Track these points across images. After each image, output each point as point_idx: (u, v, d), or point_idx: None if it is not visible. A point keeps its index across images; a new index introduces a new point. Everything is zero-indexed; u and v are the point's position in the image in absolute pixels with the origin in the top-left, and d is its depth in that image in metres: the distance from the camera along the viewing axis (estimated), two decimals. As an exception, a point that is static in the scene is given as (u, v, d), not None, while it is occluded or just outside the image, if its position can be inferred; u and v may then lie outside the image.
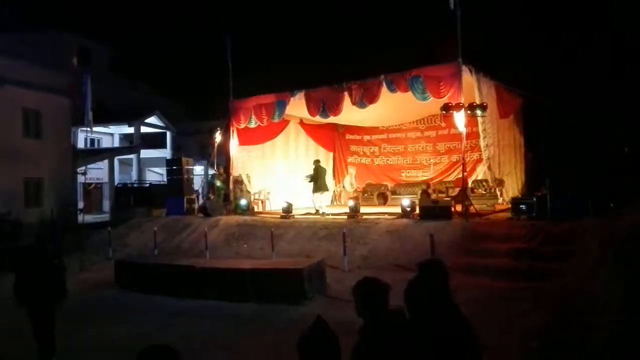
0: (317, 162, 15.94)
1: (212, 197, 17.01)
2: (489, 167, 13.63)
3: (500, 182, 14.46)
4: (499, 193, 14.56)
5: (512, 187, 15.33)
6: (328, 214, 14.57)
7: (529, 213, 11.34)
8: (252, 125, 16.63)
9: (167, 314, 8.44)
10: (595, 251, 8.68)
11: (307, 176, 15.57)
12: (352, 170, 19.87)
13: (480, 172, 16.23)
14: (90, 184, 26.77)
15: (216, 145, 17.36)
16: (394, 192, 18.26)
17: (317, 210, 15.02)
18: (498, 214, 12.94)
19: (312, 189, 15.31)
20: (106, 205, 26.79)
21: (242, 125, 16.79)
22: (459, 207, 12.43)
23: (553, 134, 15.99)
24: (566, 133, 15.90)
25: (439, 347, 2.41)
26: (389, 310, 2.63)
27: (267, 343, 6.77)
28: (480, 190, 15.48)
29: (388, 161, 20.40)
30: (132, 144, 28.37)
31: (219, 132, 17.21)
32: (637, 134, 14.31)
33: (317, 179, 15.21)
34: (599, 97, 16.76)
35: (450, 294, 2.70)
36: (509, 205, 12.38)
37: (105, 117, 24.72)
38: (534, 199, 11.53)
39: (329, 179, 20.49)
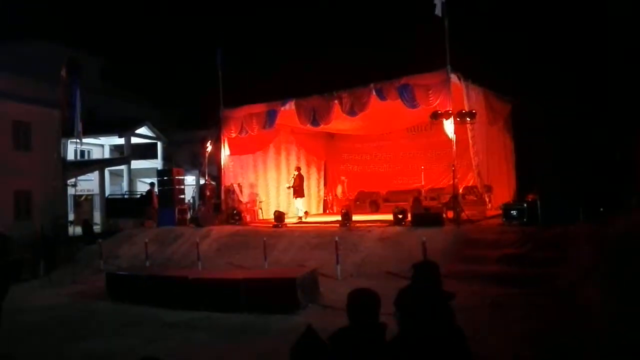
0: (299, 169, 17.07)
1: (202, 208, 16.96)
2: (478, 174, 13.71)
3: (488, 189, 14.53)
4: (487, 199, 14.63)
5: (502, 193, 15.41)
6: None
7: (520, 219, 11.40)
8: (243, 134, 16.64)
9: (160, 326, 8.37)
10: (587, 256, 8.75)
11: (288, 186, 16.89)
12: (344, 178, 19.92)
13: (471, 179, 16.31)
14: (80, 195, 26.58)
15: (207, 155, 17.33)
16: (385, 200, 18.29)
17: (301, 216, 16.06)
18: (489, 220, 12.99)
19: (294, 195, 16.48)
20: (97, 216, 26.60)
21: (233, 135, 16.79)
22: (450, 214, 12.48)
23: (543, 140, 16.14)
24: (556, 139, 16.06)
25: (430, 353, 2.42)
26: (370, 322, 2.64)
27: (260, 353, 6.74)
28: (471, 196, 15.55)
29: (379, 169, 20.46)
30: (122, 154, 28.22)
31: (210, 142, 17.20)
32: (627, 140, 14.47)
33: (299, 186, 16.29)
34: (590, 104, 16.94)
35: (444, 297, 2.72)
36: (499, 211, 12.45)
37: (95, 128, 24.59)
38: (525, 205, 11.60)
39: (321, 187, 20.83)
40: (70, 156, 25.34)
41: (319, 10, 40.03)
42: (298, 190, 16.42)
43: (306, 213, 16.22)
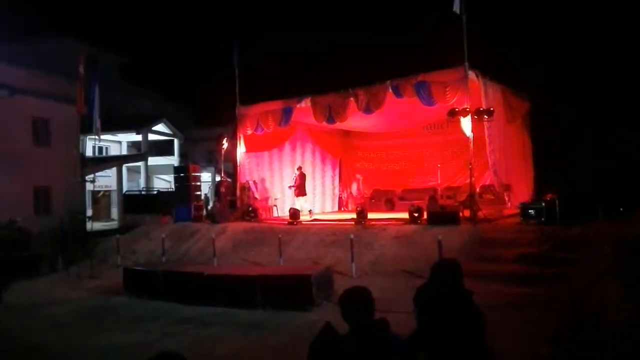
0: (300, 168, 17.41)
1: (218, 204, 17.05)
2: (495, 172, 13.56)
3: (507, 187, 14.37)
4: (506, 198, 14.47)
5: (522, 191, 15.22)
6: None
7: (538, 218, 11.26)
8: (259, 132, 16.69)
9: (176, 321, 8.45)
10: (606, 256, 8.61)
11: (290, 186, 17.34)
12: (359, 176, 19.87)
13: (488, 177, 16.16)
14: (98, 191, 26.89)
15: (223, 152, 17.41)
16: (401, 198, 18.18)
17: (310, 211, 16.61)
18: (507, 219, 12.85)
19: (296, 193, 16.91)
20: (114, 212, 26.89)
21: (249, 132, 16.85)
22: (467, 213, 12.37)
23: (561, 138, 15.90)
24: (575, 137, 15.81)
25: (446, 349, 2.40)
26: (371, 320, 2.61)
27: (274, 349, 6.76)
28: (488, 195, 15.40)
29: (395, 167, 20.36)
30: (140, 151, 28.48)
31: (226, 139, 17.27)
32: None
33: (301, 185, 16.74)
34: (609, 102, 16.65)
35: (464, 295, 2.70)
36: (518, 210, 12.30)
37: (113, 125, 24.82)
38: (543, 204, 11.45)
39: (336, 185, 20.82)
40: (89, 152, 25.65)
41: (335, 6, 39.97)
42: (300, 190, 16.73)
43: (310, 212, 16.45)
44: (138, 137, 28.31)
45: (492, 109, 12.39)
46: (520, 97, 15.80)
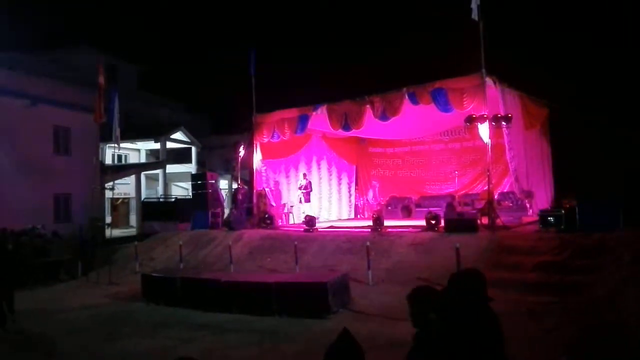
0: (305, 175, 17.74)
1: (234, 211, 17.14)
2: (516, 179, 13.41)
3: (528, 194, 14.19)
4: (528, 205, 14.29)
5: (541, 198, 15.04)
6: None
7: (557, 225, 11.10)
8: (275, 139, 16.76)
9: (192, 327, 8.48)
10: (626, 264, 8.46)
11: (301, 191, 17.55)
12: (375, 183, 19.83)
13: (507, 184, 16.01)
14: (117, 198, 27.22)
15: (240, 159, 17.52)
16: (418, 205, 18.08)
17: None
18: (526, 226, 12.69)
19: (304, 200, 17.26)
20: (133, 219, 27.18)
21: (266, 140, 16.93)
22: (485, 220, 12.25)
23: (581, 145, 15.69)
24: (595, 144, 15.59)
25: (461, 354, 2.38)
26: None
27: (290, 357, 6.75)
28: (507, 202, 15.23)
29: (412, 174, 20.27)
30: (158, 159, 28.80)
31: (242, 146, 17.38)
32: None
33: (308, 193, 17.11)
34: (630, 107, 16.41)
35: (483, 301, 2.68)
36: (537, 218, 12.14)
37: (132, 133, 25.20)
38: (562, 211, 11.29)
39: (352, 192, 20.80)
40: (108, 160, 26.03)
41: (351, 14, 40.14)
42: (305, 197, 17.12)
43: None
44: (156, 145, 28.64)
45: (510, 115, 12.28)
46: (539, 104, 15.65)
